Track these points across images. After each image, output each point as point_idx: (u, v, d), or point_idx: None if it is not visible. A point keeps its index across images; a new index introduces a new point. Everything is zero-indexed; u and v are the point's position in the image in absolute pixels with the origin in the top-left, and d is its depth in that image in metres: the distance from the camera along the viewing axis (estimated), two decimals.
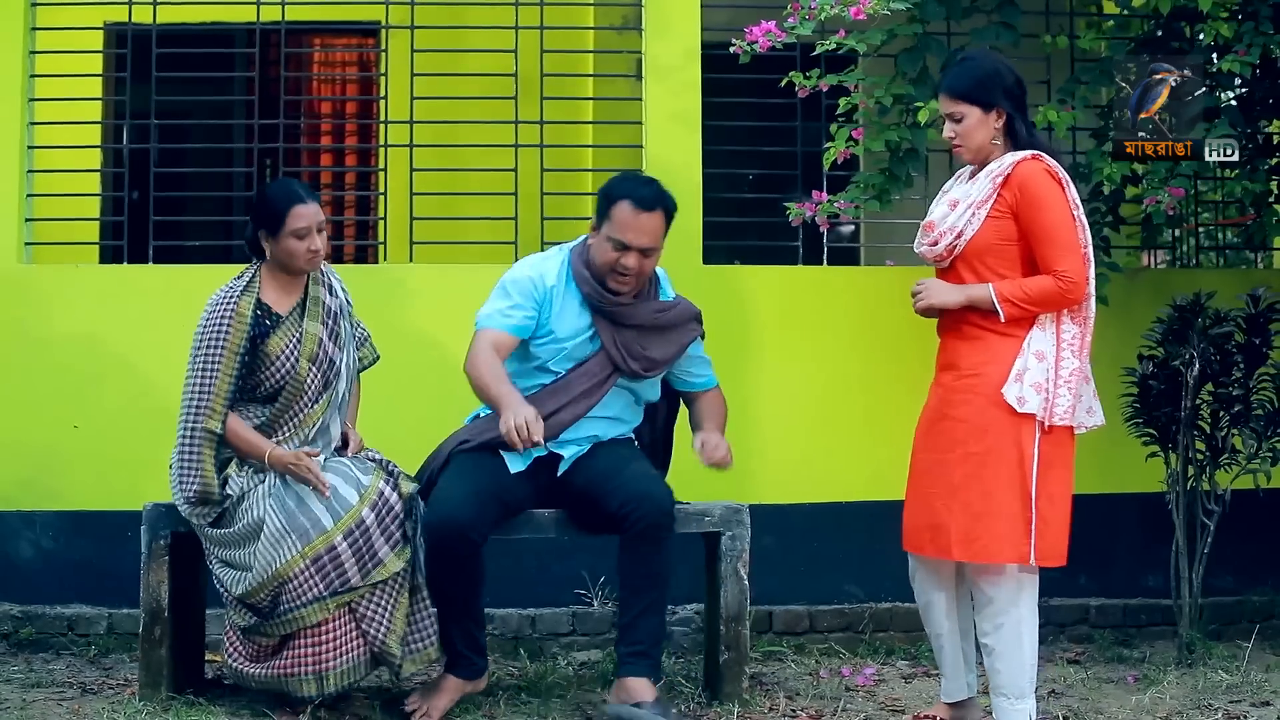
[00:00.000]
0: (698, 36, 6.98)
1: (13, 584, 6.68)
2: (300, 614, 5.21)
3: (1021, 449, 4.91)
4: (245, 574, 5.24)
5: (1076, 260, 4.92)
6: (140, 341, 6.58)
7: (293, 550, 5.16)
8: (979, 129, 5.04)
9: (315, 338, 5.49)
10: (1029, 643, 5.01)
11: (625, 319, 5.52)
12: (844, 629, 6.84)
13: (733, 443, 6.71)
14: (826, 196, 6.45)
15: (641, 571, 5.37)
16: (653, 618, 5.40)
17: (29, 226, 6.83)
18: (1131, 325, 6.60)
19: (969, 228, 5.01)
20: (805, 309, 6.96)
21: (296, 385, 5.45)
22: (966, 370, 5.03)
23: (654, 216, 5.41)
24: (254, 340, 5.40)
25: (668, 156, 6.88)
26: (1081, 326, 4.99)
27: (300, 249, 5.43)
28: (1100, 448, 6.71)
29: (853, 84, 6.39)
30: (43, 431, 6.69)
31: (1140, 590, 6.98)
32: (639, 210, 5.38)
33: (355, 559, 5.22)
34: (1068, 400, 4.92)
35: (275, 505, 5.23)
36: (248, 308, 5.41)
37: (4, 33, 6.79)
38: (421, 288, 6.84)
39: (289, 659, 5.26)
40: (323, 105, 9.28)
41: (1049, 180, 4.96)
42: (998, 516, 4.92)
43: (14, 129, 6.78)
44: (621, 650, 5.40)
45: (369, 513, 5.25)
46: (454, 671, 5.47)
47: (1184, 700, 5.76)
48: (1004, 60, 5.18)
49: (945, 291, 5.08)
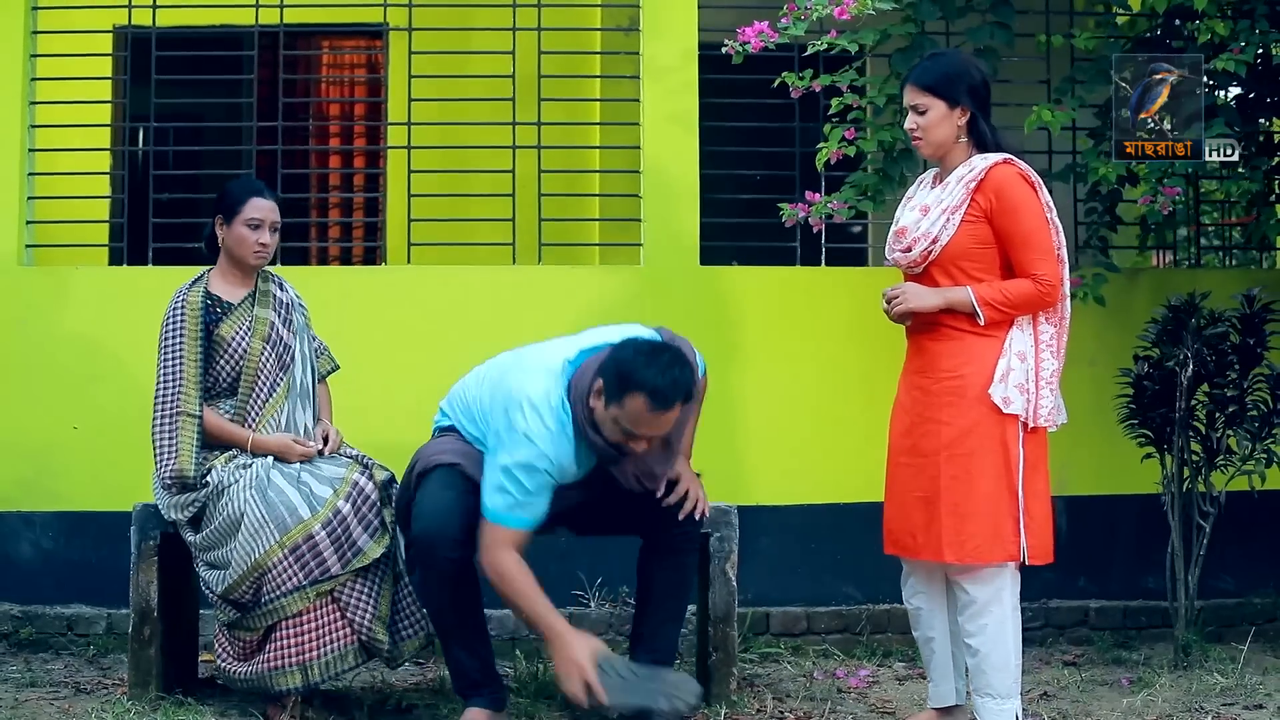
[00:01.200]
0: (695, 38, 6.98)
1: (12, 584, 6.72)
2: (281, 604, 5.23)
3: (1007, 449, 4.92)
4: (226, 571, 5.28)
5: (1053, 263, 4.92)
6: (139, 343, 6.54)
7: (270, 540, 5.19)
8: (941, 124, 5.03)
9: (267, 321, 5.61)
10: (1013, 642, 4.98)
11: (638, 463, 5.12)
12: (841, 630, 6.83)
13: (729, 444, 6.78)
14: (820, 197, 6.43)
15: (673, 579, 5.34)
16: (673, 627, 5.39)
17: (30, 229, 6.88)
18: (1132, 326, 6.56)
19: (944, 233, 5.00)
20: (802, 310, 6.95)
21: (252, 367, 5.55)
22: (947, 373, 5.02)
23: (670, 414, 4.84)
24: (207, 328, 5.53)
25: (665, 157, 6.90)
26: (1057, 327, 4.99)
27: (250, 239, 5.57)
28: (1100, 449, 6.74)
29: (845, 84, 6.36)
30: (42, 432, 6.73)
31: (1141, 592, 6.94)
32: (656, 410, 4.79)
33: (334, 548, 5.23)
34: (1050, 400, 4.94)
35: (256, 497, 5.26)
36: (196, 297, 5.56)
37: (4, 36, 6.84)
38: (421, 289, 6.85)
39: (272, 653, 5.27)
40: (325, 107, 9.27)
41: (1023, 185, 4.95)
42: (987, 517, 4.92)
43: (14, 132, 6.83)
44: (639, 653, 5.34)
45: (344, 504, 5.29)
46: (474, 702, 5.21)
47: (1175, 703, 5.72)
48: (975, 62, 5.17)
49: (923, 296, 5.05)
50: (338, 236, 9.40)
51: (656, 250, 6.94)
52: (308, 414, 5.69)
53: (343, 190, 9.43)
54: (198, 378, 5.47)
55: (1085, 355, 6.86)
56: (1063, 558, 6.82)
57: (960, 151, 5.04)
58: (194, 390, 5.47)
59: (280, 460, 5.45)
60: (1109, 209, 6.80)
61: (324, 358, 5.92)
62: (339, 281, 7.09)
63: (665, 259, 6.92)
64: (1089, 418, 6.62)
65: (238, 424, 5.52)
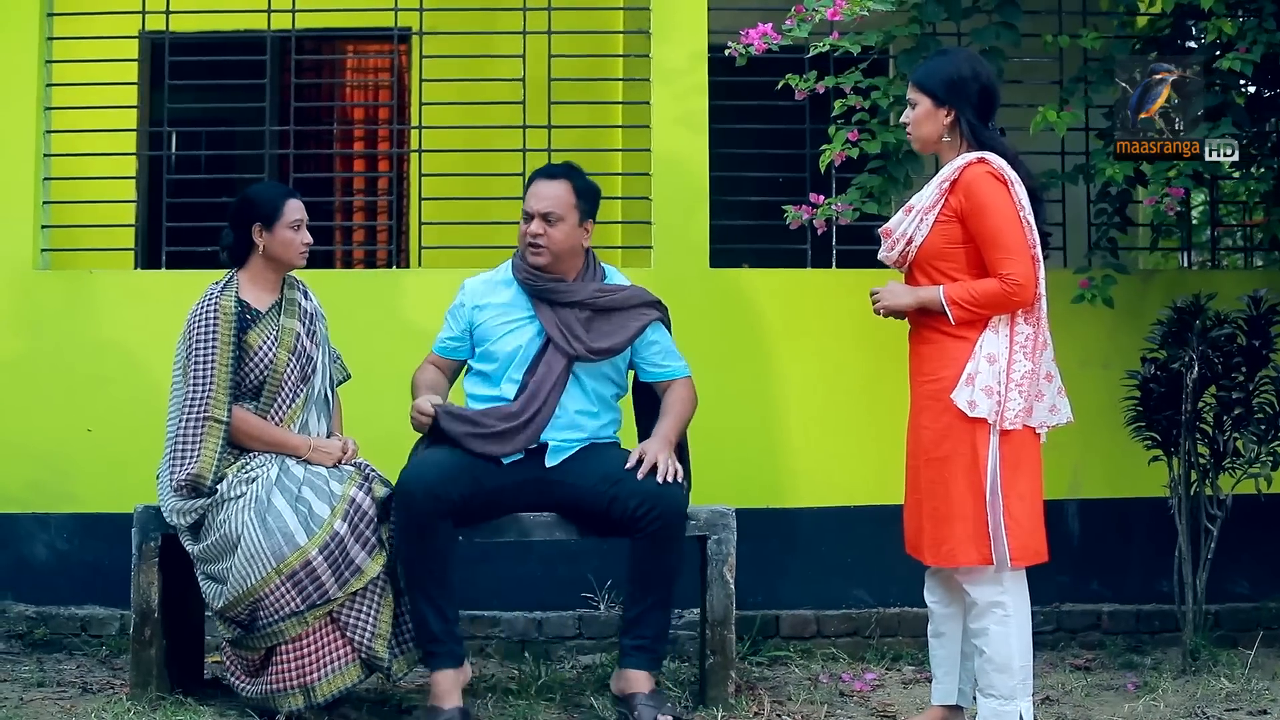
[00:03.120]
0: (705, 40, 6.97)
1: (27, 585, 6.79)
2: (278, 628, 5.28)
3: (976, 453, 4.88)
4: (224, 587, 5.32)
5: (1023, 263, 4.87)
6: (152, 346, 6.63)
7: (266, 567, 5.22)
8: (927, 121, 5.06)
9: (293, 332, 5.67)
10: (1017, 644, 4.93)
11: (563, 297, 5.65)
12: (851, 634, 6.80)
13: (739, 446, 6.76)
14: (824, 199, 6.41)
15: (651, 569, 5.42)
16: (658, 613, 5.46)
17: (45, 233, 6.95)
18: (1145, 328, 6.49)
19: (918, 233, 5.02)
20: (812, 312, 6.93)
21: (276, 377, 5.60)
22: (927, 376, 5.04)
23: (555, 184, 5.67)
24: (237, 334, 5.56)
25: (675, 160, 6.88)
26: (1035, 327, 4.93)
27: (295, 240, 5.69)
28: (1113, 451, 6.68)
29: (849, 86, 6.34)
30: (56, 435, 6.80)
31: (1154, 596, 6.83)
32: (540, 180, 5.71)
33: (332, 571, 5.28)
34: (1019, 403, 4.87)
35: (254, 521, 5.29)
36: (229, 301, 5.59)
37: (20, 43, 6.93)
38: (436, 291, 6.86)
39: (274, 675, 5.34)
40: (341, 111, 9.31)
41: (992, 183, 4.92)
42: (958, 520, 4.91)
43: (29, 138, 6.90)
44: (625, 642, 5.47)
45: (341, 524, 5.32)
46: (438, 664, 5.41)
47: (1179, 708, 5.68)
48: (978, 62, 5.13)
49: (899, 295, 5.11)
50: (363, 240, 9.43)
51: (667, 252, 6.94)
52: (323, 424, 5.75)
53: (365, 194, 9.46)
54: (228, 383, 5.51)
55: (1099, 357, 6.84)
56: (1075, 561, 6.87)
57: (951, 151, 5.05)
58: (224, 396, 5.50)
59: (307, 461, 5.54)
60: (1118, 210, 6.74)
61: (337, 366, 5.97)
62: (357, 285, 7.15)
63: (675, 261, 6.91)
64: (1103, 420, 6.59)
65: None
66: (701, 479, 5.89)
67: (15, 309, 6.87)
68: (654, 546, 5.39)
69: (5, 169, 6.90)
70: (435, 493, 5.32)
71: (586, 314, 5.64)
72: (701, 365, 6.15)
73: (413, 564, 5.38)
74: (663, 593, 5.44)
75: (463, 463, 5.45)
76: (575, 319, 5.62)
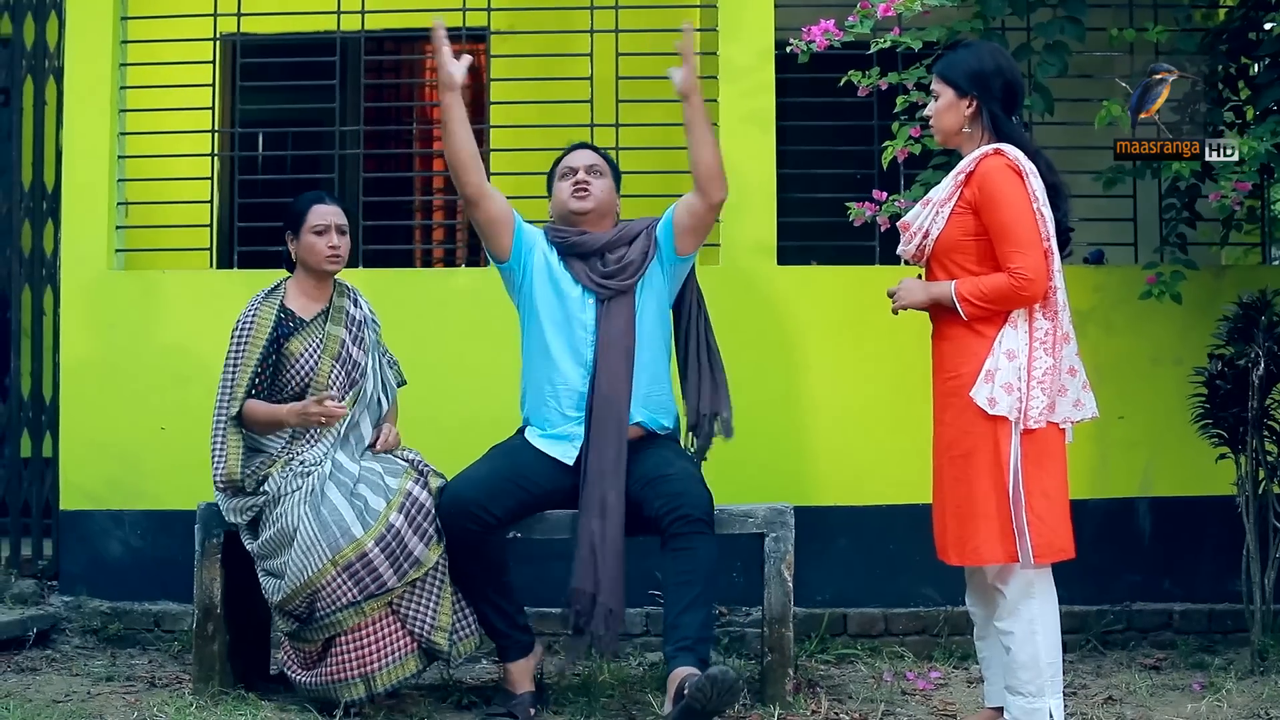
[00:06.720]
0: (771, 37, 6.96)
1: (102, 581, 6.91)
2: (336, 619, 5.32)
3: (999, 450, 4.84)
4: (281, 581, 5.37)
5: (1034, 256, 4.81)
6: (224, 345, 6.67)
7: (323, 559, 5.27)
8: (948, 112, 5.04)
9: (338, 339, 5.71)
10: (1043, 641, 4.90)
11: (590, 246, 5.79)
12: (919, 632, 6.78)
13: (802, 444, 6.75)
14: (887, 195, 6.39)
15: (682, 569, 5.42)
16: (696, 612, 5.41)
17: (119, 234, 7.05)
18: (1214, 325, 6.41)
19: (934, 226, 5.00)
20: (880, 309, 6.87)
21: (320, 383, 5.64)
22: (948, 373, 5.01)
23: (589, 151, 5.97)
24: (277, 341, 5.63)
25: (742, 158, 6.84)
26: (1053, 321, 4.86)
27: (319, 245, 5.72)
28: (1185, 448, 6.60)
29: (911, 82, 6.30)
30: (131, 433, 6.92)
31: (1226, 595, 6.73)
32: (575, 149, 5.97)
33: (390, 562, 5.31)
34: (1042, 401, 4.81)
35: (309, 513, 5.34)
36: (269, 311, 5.66)
37: (95, 46, 7.05)
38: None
39: (334, 665, 5.38)
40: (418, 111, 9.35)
41: (1007, 174, 4.87)
42: (982, 519, 4.87)
43: (104, 140, 7.01)
44: (668, 649, 5.42)
45: (398, 516, 5.35)
46: (508, 657, 5.63)
47: (1243, 709, 5.60)
48: (1003, 56, 5.07)
49: (914, 291, 5.10)
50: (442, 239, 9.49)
51: (734, 250, 6.93)
52: (369, 422, 5.78)
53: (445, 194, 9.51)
54: (247, 385, 5.58)
55: (1170, 354, 6.76)
56: (1146, 560, 6.81)
57: (971, 143, 5.02)
58: (241, 395, 5.58)
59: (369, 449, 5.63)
60: (1187, 205, 6.65)
61: (394, 370, 6.00)
62: (430, 284, 7.23)
63: (743, 259, 6.91)
64: (1174, 417, 6.53)
65: (302, 432, 5.63)
66: (772, 475, 5.91)
67: (91, 309, 6.98)
68: (680, 547, 5.41)
69: (81, 171, 7.03)
70: (476, 514, 5.43)
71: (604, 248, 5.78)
72: (771, 361, 6.14)
73: (467, 577, 5.52)
74: (697, 591, 5.40)
75: (506, 473, 5.55)
76: (598, 261, 5.76)
